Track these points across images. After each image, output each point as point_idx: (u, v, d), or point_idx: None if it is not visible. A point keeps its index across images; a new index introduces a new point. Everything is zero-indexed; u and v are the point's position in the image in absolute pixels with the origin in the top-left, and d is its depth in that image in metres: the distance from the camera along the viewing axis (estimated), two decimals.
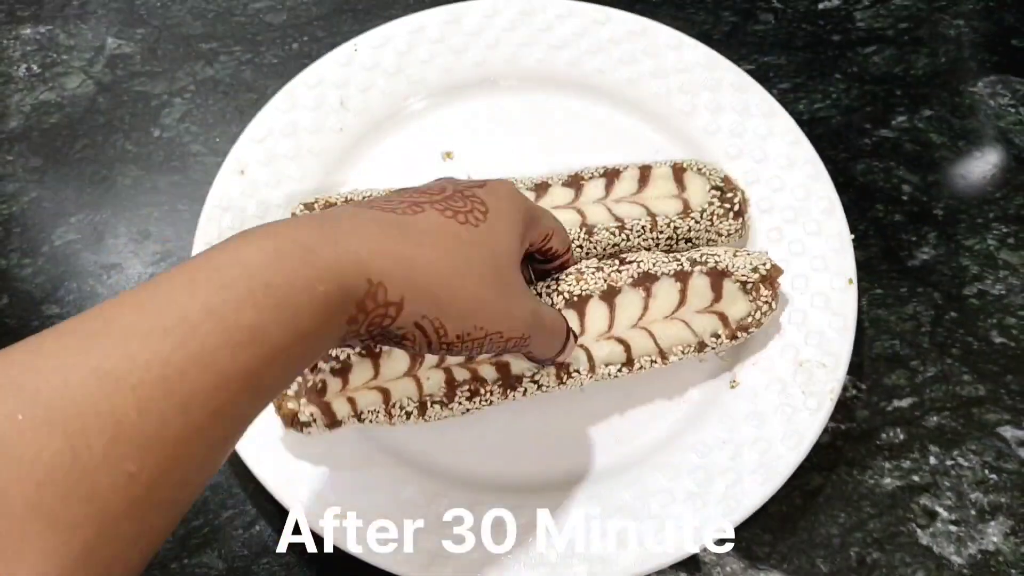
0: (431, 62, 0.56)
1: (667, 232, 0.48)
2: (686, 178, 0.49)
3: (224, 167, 0.52)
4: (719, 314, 0.45)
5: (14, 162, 0.57)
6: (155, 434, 0.24)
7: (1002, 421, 0.49)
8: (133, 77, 0.60)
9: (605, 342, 0.44)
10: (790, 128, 0.52)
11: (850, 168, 0.56)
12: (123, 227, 0.55)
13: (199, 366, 0.25)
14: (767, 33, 0.61)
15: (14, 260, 0.54)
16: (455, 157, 0.54)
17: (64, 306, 0.53)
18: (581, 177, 0.50)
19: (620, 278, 0.45)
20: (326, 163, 0.53)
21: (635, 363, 0.44)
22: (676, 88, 0.54)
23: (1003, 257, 0.53)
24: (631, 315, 0.45)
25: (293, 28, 0.61)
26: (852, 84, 0.59)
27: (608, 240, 0.48)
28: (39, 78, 0.60)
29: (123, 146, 0.58)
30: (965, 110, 0.58)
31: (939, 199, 0.55)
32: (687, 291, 0.45)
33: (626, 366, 0.44)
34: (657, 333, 0.44)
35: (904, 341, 0.51)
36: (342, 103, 0.54)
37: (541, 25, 0.56)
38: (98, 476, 0.23)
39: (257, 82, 0.59)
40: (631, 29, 0.56)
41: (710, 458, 0.45)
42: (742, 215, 0.49)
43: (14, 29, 0.62)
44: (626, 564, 0.42)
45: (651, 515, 0.44)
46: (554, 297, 0.45)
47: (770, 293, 0.45)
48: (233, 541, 0.46)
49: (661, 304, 0.45)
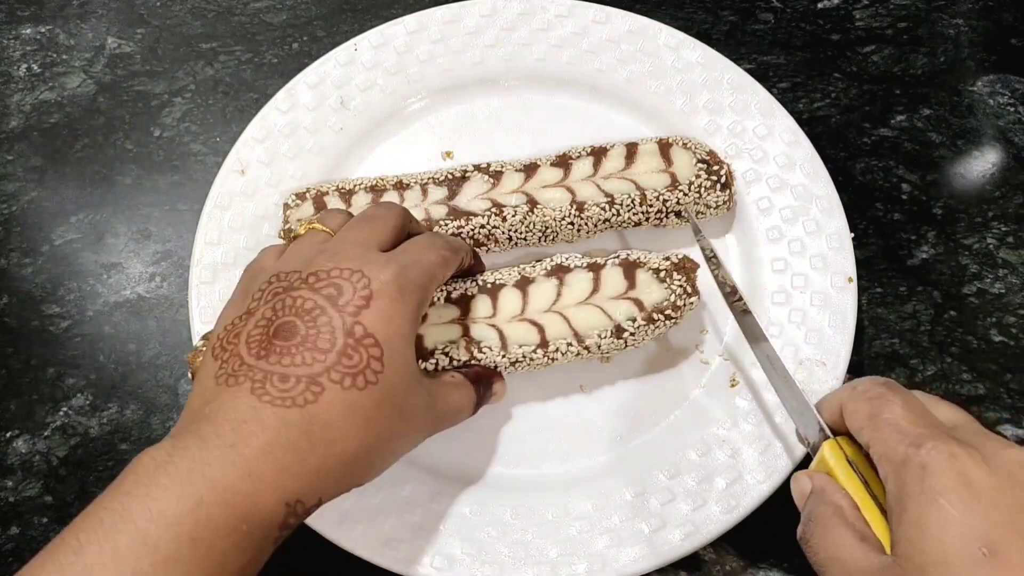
0: (431, 62, 0.56)
1: (656, 205, 0.49)
2: (672, 153, 0.50)
3: (224, 166, 0.52)
4: (633, 300, 0.45)
5: (14, 162, 0.57)
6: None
7: (1002, 420, 0.49)
8: (133, 77, 0.60)
9: (519, 323, 0.45)
10: (789, 127, 0.52)
11: (849, 167, 0.56)
12: (123, 227, 0.55)
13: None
14: (766, 32, 0.61)
15: (14, 259, 0.54)
16: (455, 156, 0.54)
17: (64, 305, 0.53)
18: (569, 156, 0.50)
19: (534, 271, 0.46)
20: (326, 162, 0.53)
21: (550, 344, 0.45)
22: (676, 87, 0.54)
23: (1002, 256, 0.53)
24: (544, 301, 0.46)
25: (293, 28, 0.61)
26: (851, 83, 0.59)
27: (599, 215, 0.48)
28: (39, 78, 0.60)
29: (123, 146, 0.58)
30: (964, 109, 0.58)
31: (938, 198, 0.55)
32: (600, 280, 0.46)
33: (541, 347, 0.45)
34: (571, 317, 0.45)
35: (904, 340, 0.51)
36: (342, 102, 0.54)
37: (541, 25, 0.56)
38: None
39: (257, 82, 0.59)
40: (631, 29, 0.56)
41: (710, 456, 0.45)
42: (729, 187, 0.49)
43: (14, 29, 0.62)
44: (626, 562, 0.43)
45: (651, 513, 0.44)
46: (467, 283, 0.46)
47: (684, 279, 0.46)
48: None
49: (574, 291, 0.46)
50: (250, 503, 0.31)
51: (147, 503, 0.29)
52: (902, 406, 0.36)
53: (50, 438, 0.49)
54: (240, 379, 0.34)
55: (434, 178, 0.50)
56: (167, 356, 0.51)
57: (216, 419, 0.32)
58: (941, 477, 0.32)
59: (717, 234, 0.52)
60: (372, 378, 0.35)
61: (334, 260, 0.37)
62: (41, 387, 0.50)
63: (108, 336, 0.52)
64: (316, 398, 0.33)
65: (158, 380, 0.50)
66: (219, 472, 0.30)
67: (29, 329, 0.52)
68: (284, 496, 0.32)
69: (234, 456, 0.31)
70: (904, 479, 0.33)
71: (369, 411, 0.35)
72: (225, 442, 0.31)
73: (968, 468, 0.33)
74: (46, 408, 0.50)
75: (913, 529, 0.32)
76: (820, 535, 0.35)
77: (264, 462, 0.31)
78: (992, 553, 0.30)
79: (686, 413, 0.47)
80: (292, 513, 0.32)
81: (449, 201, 0.49)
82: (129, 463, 0.31)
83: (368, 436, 0.35)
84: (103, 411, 0.50)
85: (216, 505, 0.30)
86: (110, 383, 0.50)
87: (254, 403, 0.33)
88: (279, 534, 0.32)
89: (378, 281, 0.37)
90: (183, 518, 0.29)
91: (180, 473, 0.30)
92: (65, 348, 0.51)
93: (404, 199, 0.49)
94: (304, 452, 0.33)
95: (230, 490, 0.30)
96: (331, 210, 0.45)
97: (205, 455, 0.31)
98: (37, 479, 0.48)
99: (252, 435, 0.32)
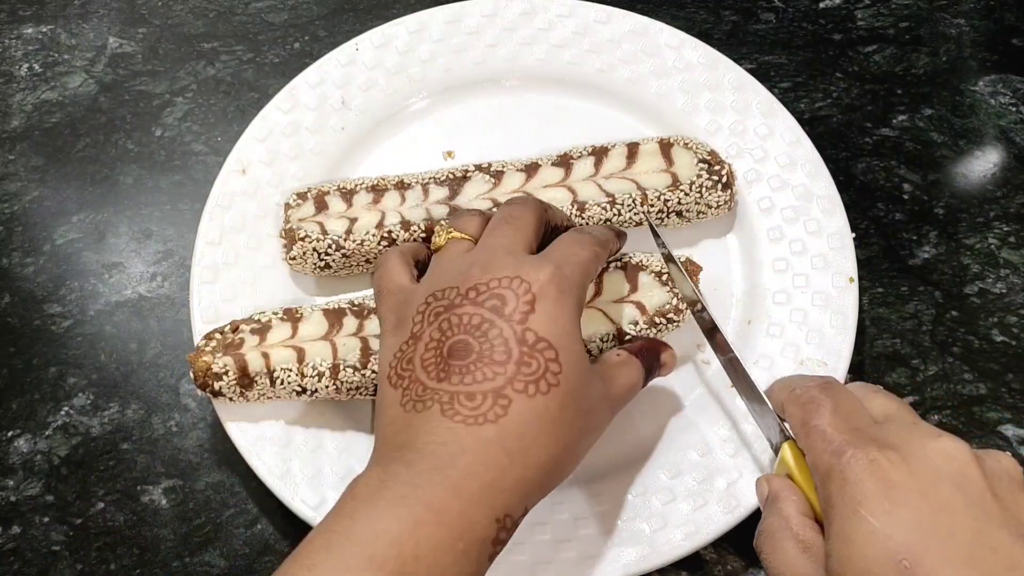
0: (432, 62, 0.56)
1: (658, 205, 0.48)
2: (673, 153, 0.50)
3: (225, 166, 0.52)
4: (636, 303, 0.45)
5: (16, 161, 0.57)
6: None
7: (1003, 420, 0.49)
8: (135, 76, 0.60)
9: None
10: (791, 127, 0.52)
11: (851, 167, 0.56)
12: (125, 226, 0.55)
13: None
14: (768, 32, 0.61)
15: (16, 259, 0.54)
16: (456, 156, 0.54)
17: (66, 305, 0.53)
18: (570, 156, 0.50)
19: None
20: (328, 162, 0.53)
21: None
22: (677, 87, 0.54)
23: (1004, 256, 0.53)
24: None
25: (294, 27, 0.62)
26: (853, 83, 0.59)
27: (600, 215, 0.48)
28: (41, 77, 0.60)
29: (124, 145, 0.58)
30: (966, 109, 0.58)
31: (940, 198, 0.55)
32: (601, 283, 0.46)
33: None
34: None
35: (905, 340, 0.51)
36: (344, 102, 0.54)
37: (542, 24, 0.56)
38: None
39: (258, 81, 0.59)
40: (632, 28, 0.56)
41: (711, 456, 0.45)
42: (730, 187, 0.49)
43: (16, 28, 0.62)
44: (627, 562, 0.43)
45: (652, 513, 0.44)
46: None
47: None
48: (235, 539, 0.46)
49: None
50: (463, 521, 0.32)
51: (370, 524, 0.31)
52: (830, 411, 0.35)
53: (51, 437, 0.49)
54: (428, 403, 0.35)
55: (435, 178, 0.50)
56: (168, 356, 0.51)
57: (416, 445, 0.34)
58: (860, 486, 0.31)
59: (718, 234, 0.52)
60: (553, 380, 0.35)
61: (489, 271, 0.38)
62: (42, 386, 0.50)
63: (109, 336, 0.52)
64: (505, 411, 0.34)
65: (159, 380, 0.50)
66: (430, 494, 0.32)
67: (31, 328, 0.52)
68: (493, 512, 0.33)
69: (440, 478, 0.32)
70: (829, 490, 0.33)
71: (555, 414, 0.35)
72: (429, 465, 0.33)
73: (888, 473, 0.31)
74: (47, 407, 0.50)
75: (838, 542, 0.31)
76: (769, 548, 0.35)
77: (470, 481, 0.33)
78: (914, 564, 0.29)
79: (688, 413, 0.47)
80: (503, 528, 0.33)
81: (450, 201, 0.49)
82: (344, 491, 0.33)
83: (559, 439, 0.35)
84: (104, 411, 0.50)
85: (432, 524, 0.31)
86: (111, 383, 0.50)
87: (448, 424, 0.34)
88: (493, 550, 0.33)
89: (538, 284, 0.37)
90: (404, 537, 0.31)
91: (395, 497, 0.32)
92: (66, 347, 0.51)
93: (405, 199, 0.49)
94: (504, 466, 0.34)
95: (443, 510, 0.32)
96: (464, 213, 0.45)
97: (415, 479, 0.32)
98: (38, 478, 0.48)
99: (454, 456, 0.33)
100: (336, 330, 0.45)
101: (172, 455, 0.48)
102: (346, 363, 0.44)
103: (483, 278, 0.38)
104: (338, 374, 0.44)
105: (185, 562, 0.46)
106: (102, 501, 0.47)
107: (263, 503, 0.47)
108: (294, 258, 0.48)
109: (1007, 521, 0.30)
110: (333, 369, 0.44)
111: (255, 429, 0.45)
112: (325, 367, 0.44)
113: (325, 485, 0.44)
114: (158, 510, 0.47)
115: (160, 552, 0.46)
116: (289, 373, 0.44)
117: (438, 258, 0.42)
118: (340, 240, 0.48)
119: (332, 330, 0.45)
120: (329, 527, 0.32)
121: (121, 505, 0.47)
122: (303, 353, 0.44)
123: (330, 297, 0.49)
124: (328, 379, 0.44)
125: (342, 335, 0.45)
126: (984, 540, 0.30)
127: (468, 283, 0.38)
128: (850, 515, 0.31)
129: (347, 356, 0.44)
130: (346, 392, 0.45)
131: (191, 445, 0.49)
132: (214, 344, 0.44)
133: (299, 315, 0.46)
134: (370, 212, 0.49)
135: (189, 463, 0.48)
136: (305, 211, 0.49)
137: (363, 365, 0.44)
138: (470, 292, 0.37)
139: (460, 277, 0.39)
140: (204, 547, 0.46)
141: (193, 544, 0.46)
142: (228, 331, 0.45)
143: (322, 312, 0.46)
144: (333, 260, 0.48)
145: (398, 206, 0.49)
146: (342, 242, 0.48)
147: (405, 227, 0.48)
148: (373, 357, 0.44)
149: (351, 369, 0.44)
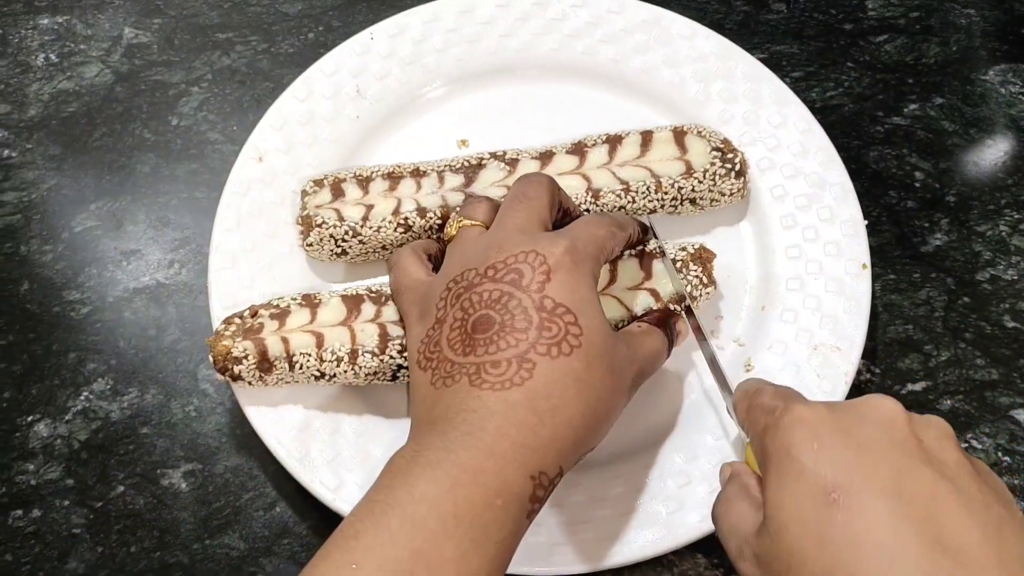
0: (446, 51, 0.56)
1: (671, 193, 0.49)
2: (687, 141, 0.50)
3: (242, 154, 0.52)
4: (650, 290, 0.46)
5: (34, 150, 0.58)
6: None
7: (1015, 404, 0.49)
8: (150, 66, 0.61)
9: None
10: (803, 116, 0.53)
11: (863, 155, 0.56)
12: (142, 214, 0.56)
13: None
14: (779, 22, 0.61)
15: (35, 247, 0.55)
16: (470, 144, 0.55)
17: (84, 291, 0.53)
18: (584, 144, 0.51)
19: None
20: (343, 150, 0.54)
21: None
22: (690, 77, 0.55)
23: (1015, 243, 0.53)
24: None
25: (309, 18, 0.62)
26: (864, 72, 0.59)
27: (614, 203, 0.49)
28: (57, 67, 0.61)
29: (141, 134, 0.58)
30: (976, 98, 0.58)
31: (951, 186, 0.55)
32: (616, 270, 0.46)
33: None
34: None
35: (917, 326, 0.51)
36: (359, 91, 0.55)
37: (555, 14, 0.56)
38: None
39: (274, 71, 0.60)
40: (645, 18, 0.56)
41: (726, 440, 0.46)
42: (743, 175, 0.50)
43: (32, 19, 0.62)
44: (643, 543, 0.43)
45: (668, 495, 0.44)
46: None
47: (700, 269, 0.46)
48: (254, 522, 0.47)
49: None
50: (499, 480, 0.33)
51: (408, 490, 0.32)
52: (771, 392, 0.36)
53: (71, 422, 0.49)
54: (457, 378, 0.36)
55: (450, 165, 0.50)
56: (187, 341, 0.52)
57: (447, 416, 0.35)
58: (791, 431, 0.32)
59: (732, 221, 0.52)
60: (575, 342, 0.36)
61: (505, 250, 0.39)
62: (62, 372, 0.51)
63: (128, 322, 0.52)
64: (531, 374, 0.35)
65: (178, 365, 0.51)
66: (464, 457, 0.33)
67: (50, 315, 0.52)
68: (527, 470, 0.34)
69: (473, 441, 0.34)
70: (764, 443, 0.34)
71: (580, 373, 0.36)
72: (461, 432, 0.34)
73: (819, 420, 0.32)
74: (67, 392, 0.50)
75: (772, 487, 0.32)
76: (725, 510, 0.36)
77: (501, 441, 0.34)
78: (842, 496, 0.30)
79: (702, 398, 0.48)
80: (539, 485, 0.34)
81: (466, 188, 0.49)
82: (384, 466, 0.35)
83: (587, 397, 0.36)
84: (124, 396, 0.50)
85: (468, 485, 0.32)
86: (130, 368, 0.51)
87: (476, 393, 0.35)
88: (531, 507, 0.34)
89: (553, 256, 0.38)
90: (442, 498, 0.32)
91: (431, 463, 0.33)
92: (86, 334, 0.52)
93: (421, 186, 0.49)
94: (534, 425, 0.35)
95: (478, 471, 0.33)
96: (471, 200, 0.46)
97: (448, 444, 0.34)
98: (59, 462, 0.48)
99: (484, 421, 0.34)
100: (355, 316, 0.45)
101: (191, 439, 0.49)
102: (364, 348, 0.45)
103: (500, 256, 0.39)
104: (356, 359, 0.44)
105: (205, 544, 0.46)
106: (122, 485, 0.48)
107: (281, 486, 0.47)
108: (311, 244, 0.49)
109: (930, 460, 0.31)
110: (352, 354, 0.44)
111: (273, 413, 0.46)
112: (344, 352, 0.44)
113: (343, 468, 0.45)
114: (178, 493, 0.48)
115: (180, 535, 0.47)
116: (309, 358, 0.44)
117: (452, 247, 0.43)
118: (357, 227, 0.48)
119: (351, 316, 0.45)
120: (370, 499, 0.33)
121: (141, 489, 0.48)
122: (322, 338, 0.45)
123: (347, 284, 0.50)
124: (347, 364, 0.44)
125: (360, 321, 0.45)
126: (908, 474, 0.30)
127: (486, 263, 0.39)
128: (782, 458, 0.32)
129: (366, 342, 0.45)
130: (364, 377, 0.45)
131: (210, 429, 0.49)
132: (233, 328, 0.45)
133: (317, 301, 0.46)
134: (386, 199, 0.49)
135: (208, 447, 0.49)
136: (322, 198, 0.50)
137: (381, 351, 0.45)
138: (488, 271, 0.38)
139: (478, 259, 0.39)
140: (223, 530, 0.47)
141: (212, 527, 0.47)
142: (247, 316, 0.46)
143: (340, 298, 0.46)
144: (350, 246, 0.49)
145: (414, 193, 0.49)
146: (359, 228, 0.48)
147: (421, 214, 0.48)
148: (391, 343, 0.45)
149: (369, 355, 0.44)
